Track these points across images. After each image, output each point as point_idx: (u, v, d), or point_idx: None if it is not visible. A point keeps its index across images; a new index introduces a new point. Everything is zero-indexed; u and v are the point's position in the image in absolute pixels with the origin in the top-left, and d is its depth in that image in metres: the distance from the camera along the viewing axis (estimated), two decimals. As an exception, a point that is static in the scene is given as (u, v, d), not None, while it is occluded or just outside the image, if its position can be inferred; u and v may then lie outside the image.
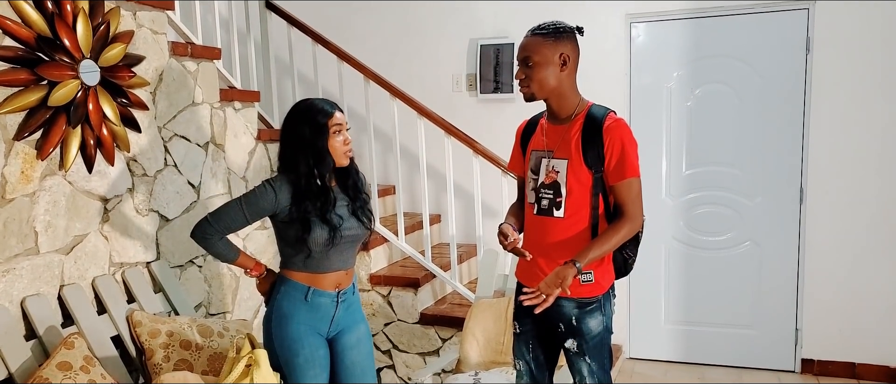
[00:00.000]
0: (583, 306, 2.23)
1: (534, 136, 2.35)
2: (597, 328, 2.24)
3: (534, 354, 2.39)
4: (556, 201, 2.21)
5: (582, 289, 2.22)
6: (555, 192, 2.21)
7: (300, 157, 2.33)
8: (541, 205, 2.25)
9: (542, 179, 2.24)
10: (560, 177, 2.20)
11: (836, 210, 3.97)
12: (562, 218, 2.21)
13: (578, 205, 2.20)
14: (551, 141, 2.26)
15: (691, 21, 4.15)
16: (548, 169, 2.23)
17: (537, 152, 2.29)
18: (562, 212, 2.21)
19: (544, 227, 2.25)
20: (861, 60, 3.84)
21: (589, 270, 2.20)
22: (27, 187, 2.40)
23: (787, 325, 4.16)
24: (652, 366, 4.36)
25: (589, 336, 2.24)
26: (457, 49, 4.66)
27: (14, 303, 2.37)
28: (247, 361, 2.29)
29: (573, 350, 2.26)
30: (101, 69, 2.60)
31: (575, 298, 2.22)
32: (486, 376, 2.99)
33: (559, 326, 2.27)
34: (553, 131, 2.28)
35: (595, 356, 2.26)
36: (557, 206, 2.21)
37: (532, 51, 2.20)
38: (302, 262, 2.38)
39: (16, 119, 2.35)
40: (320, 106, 2.37)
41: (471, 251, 4.42)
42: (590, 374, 2.26)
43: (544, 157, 2.25)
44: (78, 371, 2.24)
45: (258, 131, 3.71)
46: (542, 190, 2.24)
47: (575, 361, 2.27)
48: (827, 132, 3.94)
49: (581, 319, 2.23)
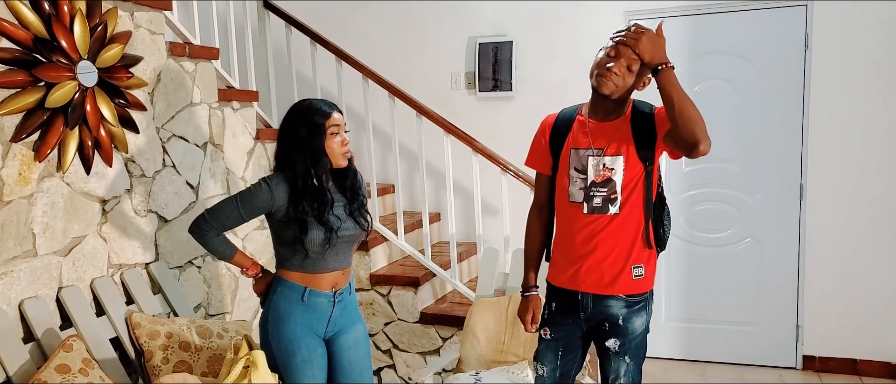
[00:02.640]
0: (631, 305, 2.23)
1: (571, 134, 2.30)
2: (640, 327, 2.26)
3: (563, 361, 2.36)
4: (612, 198, 2.21)
5: (633, 284, 2.22)
6: (609, 189, 2.21)
7: (297, 157, 2.33)
8: (592, 203, 2.23)
9: (593, 178, 2.22)
10: (615, 174, 2.20)
11: (837, 206, 3.96)
12: (617, 214, 2.21)
13: (633, 201, 2.21)
14: (598, 139, 2.24)
15: (690, 18, 4.15)
16: (598, 167, 2.21)
17: (582, 151, 2.26)
18: (617, 208, 2.21)
19: (597, 225, 2.23)
20: (859, 56, 3.83)
21: (640, 264, 2.22)
22: (25, 189, 2.39)
23: (788, 322, 4.15)
24: (653, 363, 4.35)
25: (632, 335, 2.25)
26: (455, 47, 4.66)
27: (12, 306, 2.36)
28: (245, 362, 2.28)
29: (614, 350, 2.25)
30: (98, 70, 2.59)
31: (625, 296, 2.22)
32: (487, 375, 2.98)
33: (604, 325, 2.26)
34: (599, 129, 2.25)
35: (634, 356, 2.27)
36: (613, 203, 2.21)
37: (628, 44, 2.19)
38: (299, 263, 2.37)
39: (13, 121, 2.34)
40: (318, 106, 2.37)
41: (471, 249, 4.42)
42: (626, 374, 2.26)
43: (592, 155, 2.23)
44: (77, 373, 2.24)
45: (257, 131, 3.70)
46: (593, 188, 2.22)
47: (613, 361, 2.27)
48: (826, 128, 3.93)
49: (628, 319, 2.23)
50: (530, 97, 4.46)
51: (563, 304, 2.32)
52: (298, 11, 4.30)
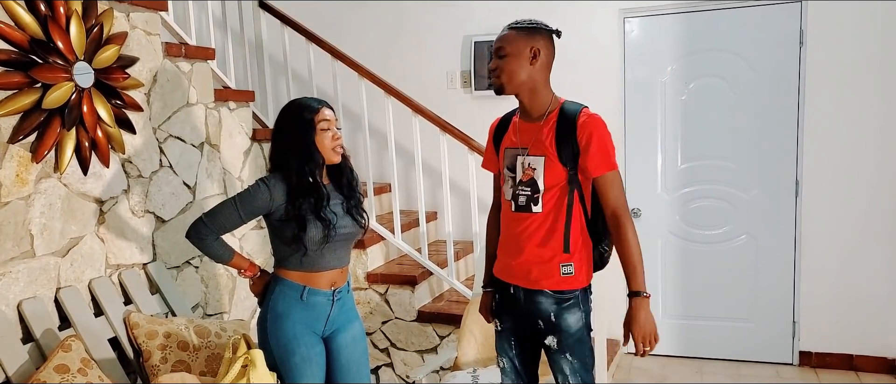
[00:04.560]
0: (561, 302, 2.23)
1: (507, 134, 2.36)
2: (576, 324, 2.24)
3: (516, 351, 2.39)
4: (534, 197, 2.22)
5: (562, 281, 2.22)
6: (532, 188, 2.22)
7: (290, 155, 2.34)
8: (518, 202, 2.25)
9: (520, 176, 2.24)
10: (537, 173, 2.21)
11: (832, 202, 3.98)
12: (540, 213, 2.22)
13: (555, 202, 2.21)
14: (525, 138, 2.26)
15: (684, 15, 4.16)
16: (524, 166, 2.24)
17: (512, 150, 2.30)
18: (540, 208, 2.22)
19: (522, 223, 2.25)
20: (854, 53, 3.85)
21: (569, 262, 2.21)
22: (22, 190, 2.40)
23: (785, 318, 4.17)
24: (650, 360, 4.37)
25: (568, 332, 2.23)
26: (451, 46, 4.66)
27: (10, 307, 2.36)
28: (243, 361, 2.29)
29: (553, 347, 2.26)
30: (94, 71, 2.60)
31: (554, 293, 2.22)
32: (485, 373, 2.99)
33: (538, 323, 2.27)
34: (526, 129, 2.28)
35: (576, 353, 2.25)
36: (535, 202, 2.22)
37: (505, 42, 2.24)
38: (298, 261, 2.38)
39: (10, 122, 2.35)
40: (307, 103, 2.39)
41: (467, 248, 4.43)
42: (572, 373, 2.25)
43: (519, 155, 2.26)
44: (75, 373, 2.24)
45: (253, 131, 3.70)
46: (519, 187, 2.25)
47: (556, 359, 2.27)
48: (821, 124, 3.95)
49: (560, 315, 2.23)
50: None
51: (505, 296, 2.37)
52: (293, 11, 4.30)
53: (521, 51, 2.20)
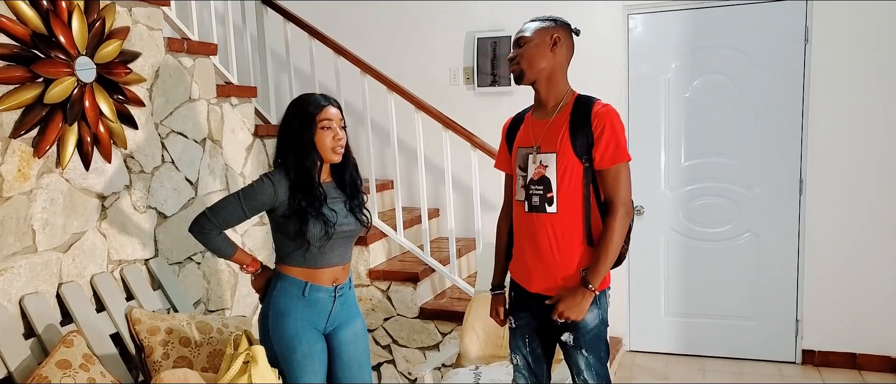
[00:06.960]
0: None
1: (519, 133, 2.35)
2: (593, 321, 2.23)
3: (531, 348, 2.39)
4: (548, 197, 2.20)
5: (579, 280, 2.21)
6: (545, 187, 2.20)
7: (289, 150, 2.34)
8: (531, 202, 2.24)
9: (531, 176, 2.23)
10: (549, 171, 2.19)
11: (836, 200, 3.97)
12: (555, 213, 2.20)
13: (571, 200, 2.19)
14: (537, 136, 2.25)
15: (689, 12, 4.14)
16: (535, 165, 2.22)
17: (523, 149, 2.29)
18: (554, 208, 2.20)
19: (537, 224, 2.24)
20: (859, 51, 3.83)
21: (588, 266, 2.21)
22: (24, 185, 2.39)
23: (788, 316, 4.16)
24: (652, 358, 4.36)
25: (585, 329, 2.23)
26: (453, 42, 4.65)
27: (12, 302, 2.36)
28: (245, 358, 2.28)
29: (570, 343, 2.26)
30: (97, 66, 2.59)
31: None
32: (487, 370, 2.98)
33: (555, 320, 2.26)
34: (538, 125, 2.27)
35: (592, 349, 2.25)
36: (549, 202, 2.20)
37: (526, 32, 2.27)
38: (300, 257, 2.37)
39: (12, 117, 2.34)
40: (314, 99, 2.37)
41: (470, 245, 4.42)
42: (588, 368, 2.25)
43: (530, 153, 2.25)
44: (77, 369, 2.24)
45: (255, 127, 3.70)
46: (531, 186, 2.23)
47: (572, 355, 2.27)
48: (826, 122, 3.93)
49: None
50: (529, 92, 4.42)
51: (520, 295, 2.36)
52: (296, 7, 4.30)
53: (542, 38, 2.23)
